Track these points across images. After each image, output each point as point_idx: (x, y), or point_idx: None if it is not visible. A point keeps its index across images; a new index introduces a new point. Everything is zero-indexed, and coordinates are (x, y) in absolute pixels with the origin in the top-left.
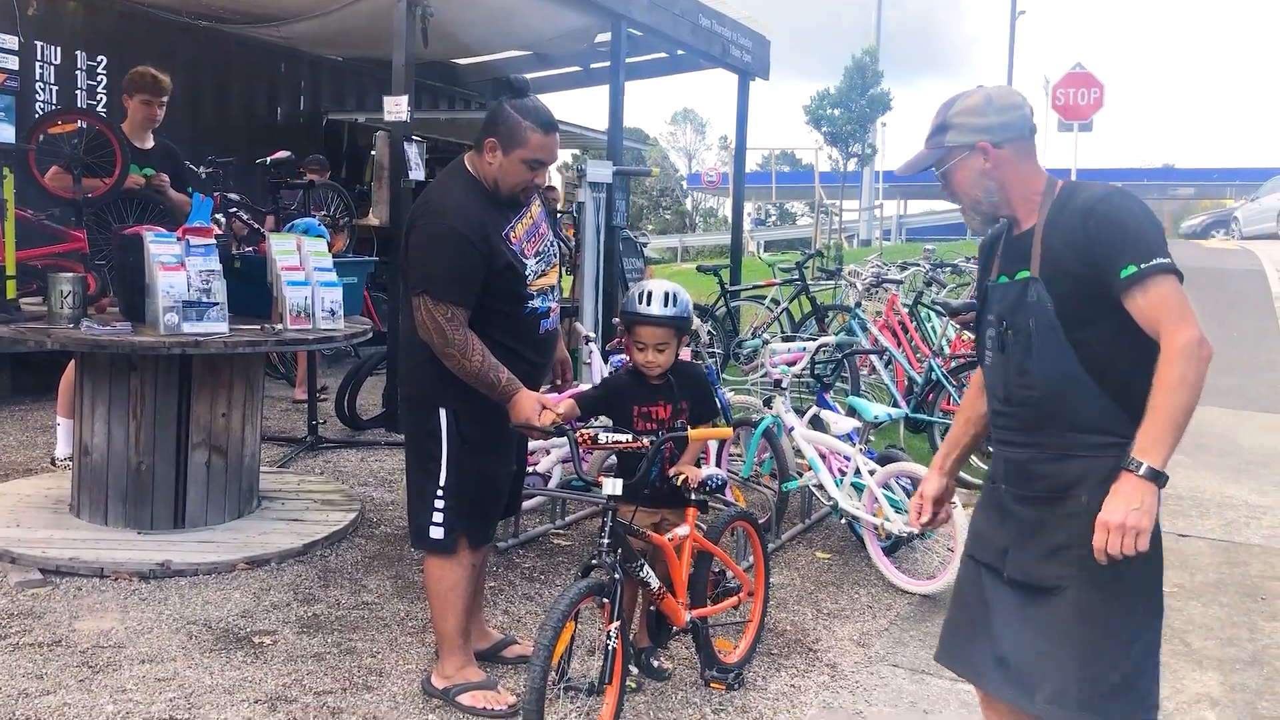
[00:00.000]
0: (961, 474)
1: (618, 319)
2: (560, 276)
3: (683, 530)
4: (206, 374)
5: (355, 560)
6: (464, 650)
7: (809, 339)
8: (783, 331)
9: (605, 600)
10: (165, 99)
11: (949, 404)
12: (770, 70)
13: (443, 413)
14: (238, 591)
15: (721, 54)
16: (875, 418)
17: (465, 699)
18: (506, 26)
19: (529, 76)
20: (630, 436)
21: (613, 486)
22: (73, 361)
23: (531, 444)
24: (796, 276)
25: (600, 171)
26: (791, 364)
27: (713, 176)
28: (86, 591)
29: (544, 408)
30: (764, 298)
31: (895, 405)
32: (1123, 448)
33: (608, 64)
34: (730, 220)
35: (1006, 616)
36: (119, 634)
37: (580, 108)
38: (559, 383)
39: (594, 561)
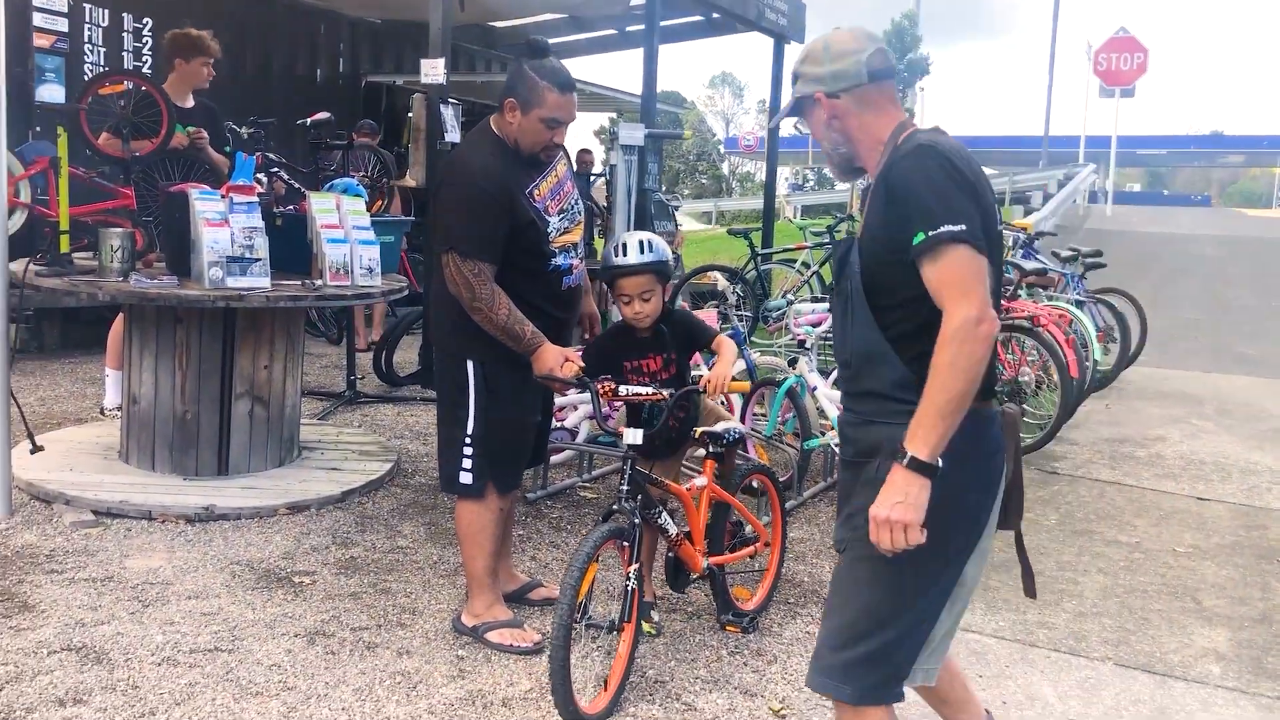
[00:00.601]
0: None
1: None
2: (592, 236)
3: (700, 481)
4: (249, 327)
5: (391, 507)
6: (492, 590)
7: (822, 299)
8: (813, 294)
9: (625, 544)
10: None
11: None
12: (805, 33)
13: (471, 365)
14: (279, 535)
15: (757, 17)
16: None
17: (493, 636)
18: None
19: (565, 40)
20: (651, 389)
21: (633, 436)
22: (120, 315)
23: (559, 400)
24: (827, 240)
25: (632, 134)
26: (816, 325)
27: (750, 140)
28: (136, 532)
29: (566, 359)
30: (794, 261)
31: None
32: None
33: (642, 27)
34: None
35: None
36: (167, 572)
37: (616, 71)
38: (586, 337)
39: (614, 508)
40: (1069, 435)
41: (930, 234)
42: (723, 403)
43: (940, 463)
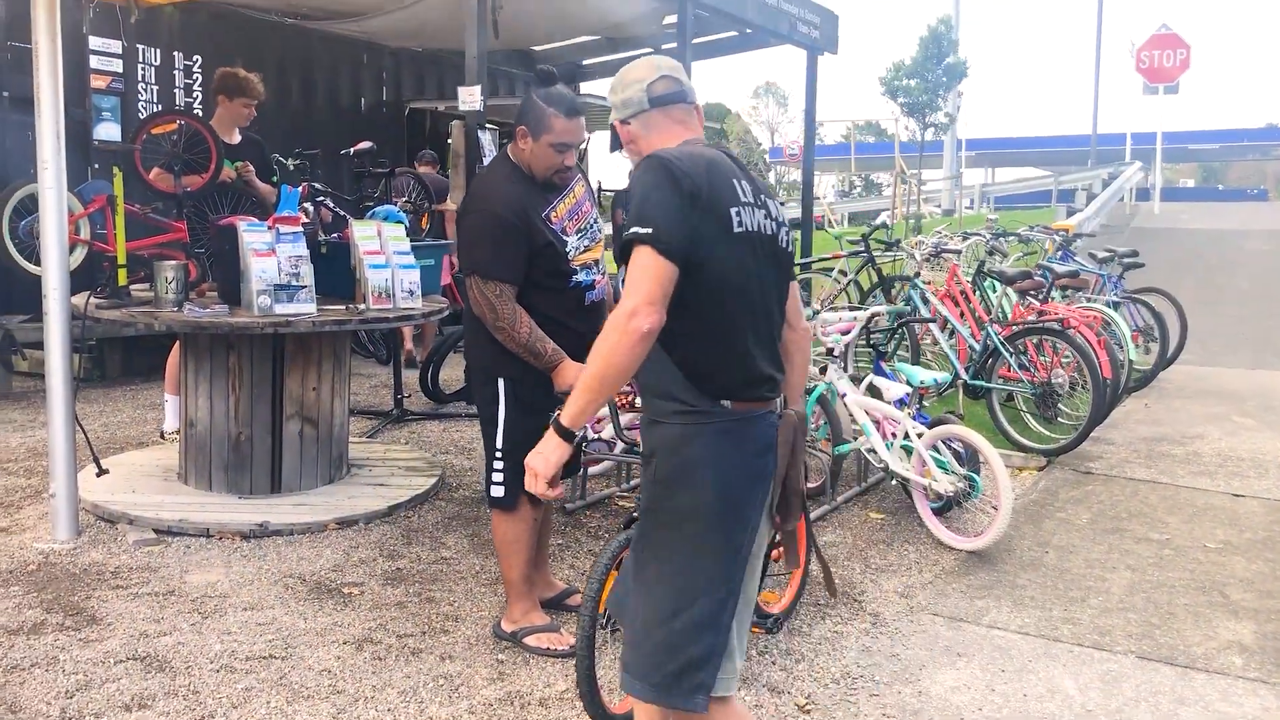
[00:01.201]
0: (1023, 440)
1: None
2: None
3: None
4: (297, 351)
5: (436, 520)
6: (529, 596)
7: (858, 308)
8: (850, 302)
9: None
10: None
11: (1007, 370)
12: (838, 45)
13: (501, 382)
14: (329, 549)
15: (789, 31)
16: (921, 382)
17: (530, 640)
18: (575, 14)
19: (602, 60)
20: None
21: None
22: (177, 342)
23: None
24: (862, 248)
25: None
26: (845, 333)
27: (794, 150)
28: (195, 549)
29: None
30: (831, 269)
31: (955, 373)
32: (689, 414)
33: (676, 45)
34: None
35: None
36: (224, 585)
37: None
38: None
39: (635, 515)
40: (1106, 435)
41: (625, 235)
42: None
43: (580, 431)
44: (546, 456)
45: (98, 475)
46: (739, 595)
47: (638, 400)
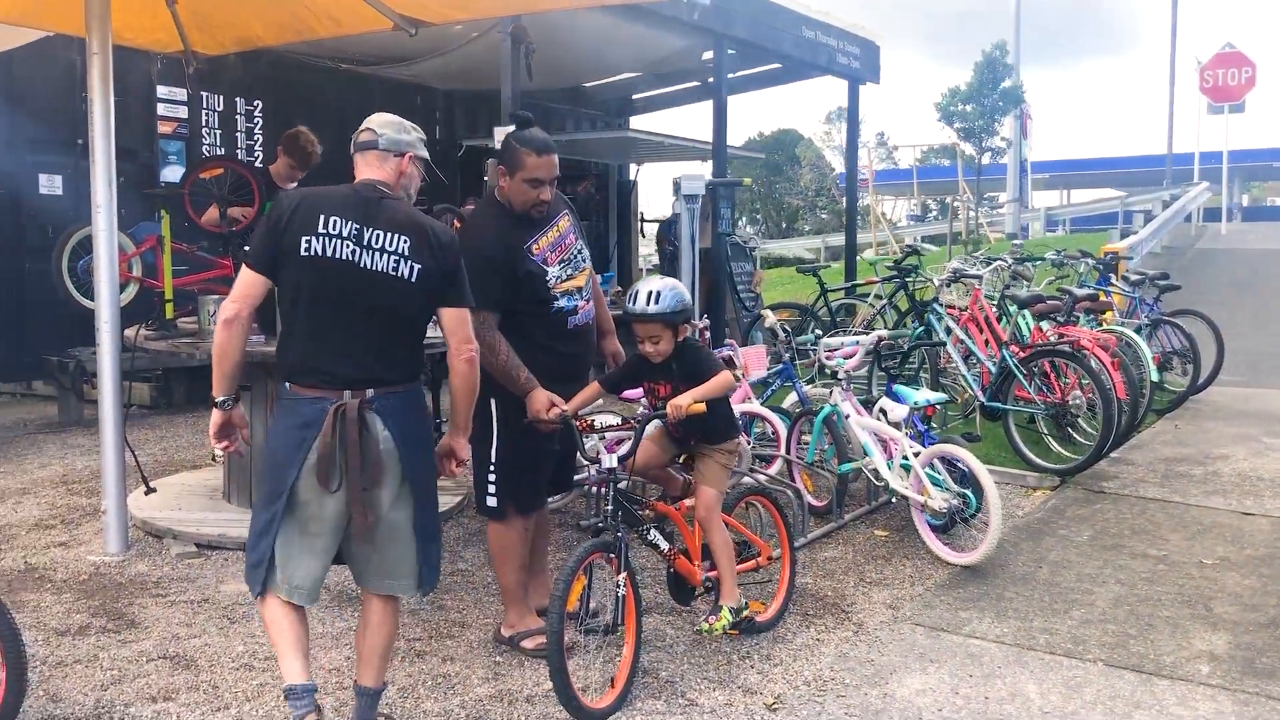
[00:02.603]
0: (1037, 460)
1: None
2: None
3: (690, 501)
4: None
5: (456, 536)
6: (524, 602)
7: (861, 333)
8: (886, 326)
9: (612, 555)
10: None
11: (1022, 391)
12: (880, 74)
13: (493, 402)
14: None
15: (828, 62)
16: (915, 403)
17: (526, 643)
18: (612, 54)
19: (650, 94)
20: (620, 420)
21: (610, 460)
22: None
23: (614, 433)
24: (896, 274)
25: (693, 184)
26: (848, 357)
27: (864, 174)
28: (231, 561)
29: (552, 404)
30: (866, 295)
31: (973, 394)
32: (279, 390)
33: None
34: (870, 218)
35: None
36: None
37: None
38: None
39: (600, 524)
40: (1128, 455)
41: None
42: (770, 432)
43: (219, 398)
44: (211, 421)
45: (145, 494)
46: (279, 522)
47: (596, 422)
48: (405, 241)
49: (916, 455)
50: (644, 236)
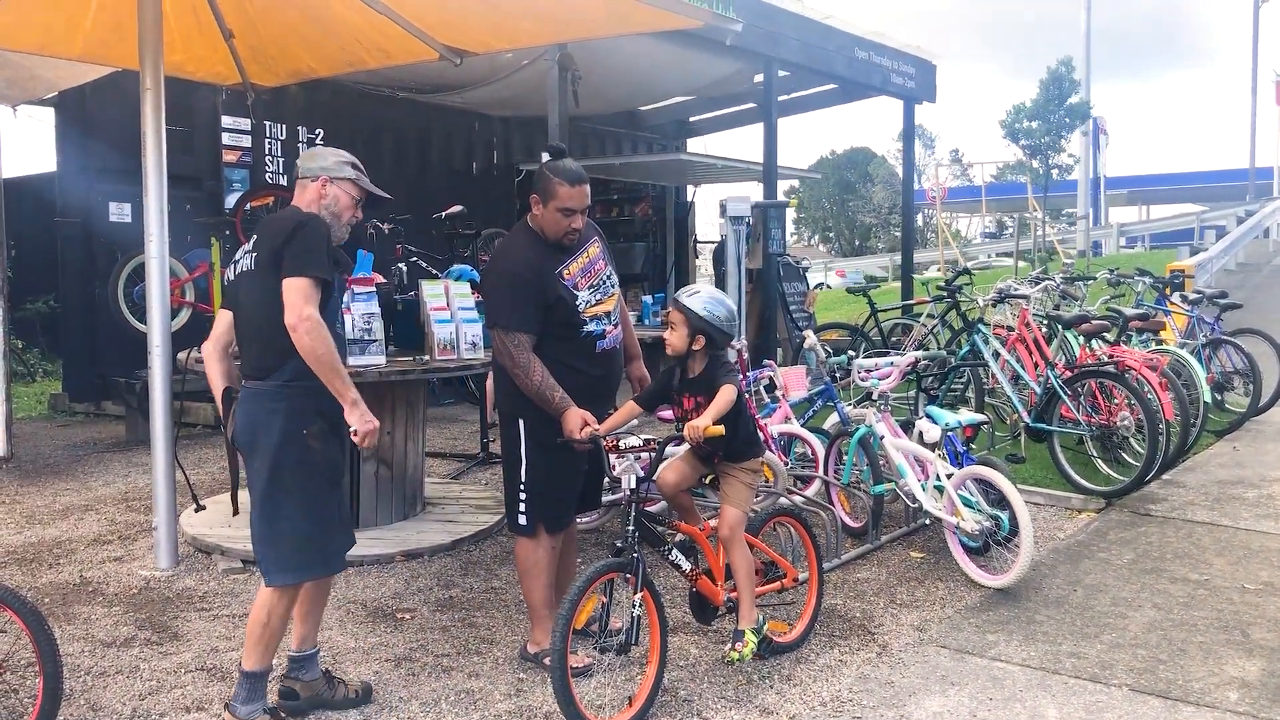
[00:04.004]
0: (1082, 481)
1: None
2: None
3: (714, 522)
4: (371, 399)
5: (494, 554)
6: (550, 619)
7: (898, 354)
8: (938, 346)
9: (629, 575)
10: None
11: (1068, 412)
12: (936, 92)
13: (521, 423)
14: (393, 578)
15: (882, 83)
16: (946, 424)
17: (550, 660)
18: (661, 79)
19: (706, 116)
20: (642, 441)
21: (629, 482)
22: None
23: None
24: (946, 294)
25: (738, 206)
26: (883, 379)
27: (933, 193)
28: None
29: (585, 424)
30: (919, 315)
31: (1019, 415)
32: None
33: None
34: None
35: None
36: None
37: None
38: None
39: (619, 544)
40: (1180, 477)
41: None
42: (809, 453)
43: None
44: None
45: (195, 511)
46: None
47: (622, 444)
48: (251, 257)
49: (949, 477)
50: (699, 258)
